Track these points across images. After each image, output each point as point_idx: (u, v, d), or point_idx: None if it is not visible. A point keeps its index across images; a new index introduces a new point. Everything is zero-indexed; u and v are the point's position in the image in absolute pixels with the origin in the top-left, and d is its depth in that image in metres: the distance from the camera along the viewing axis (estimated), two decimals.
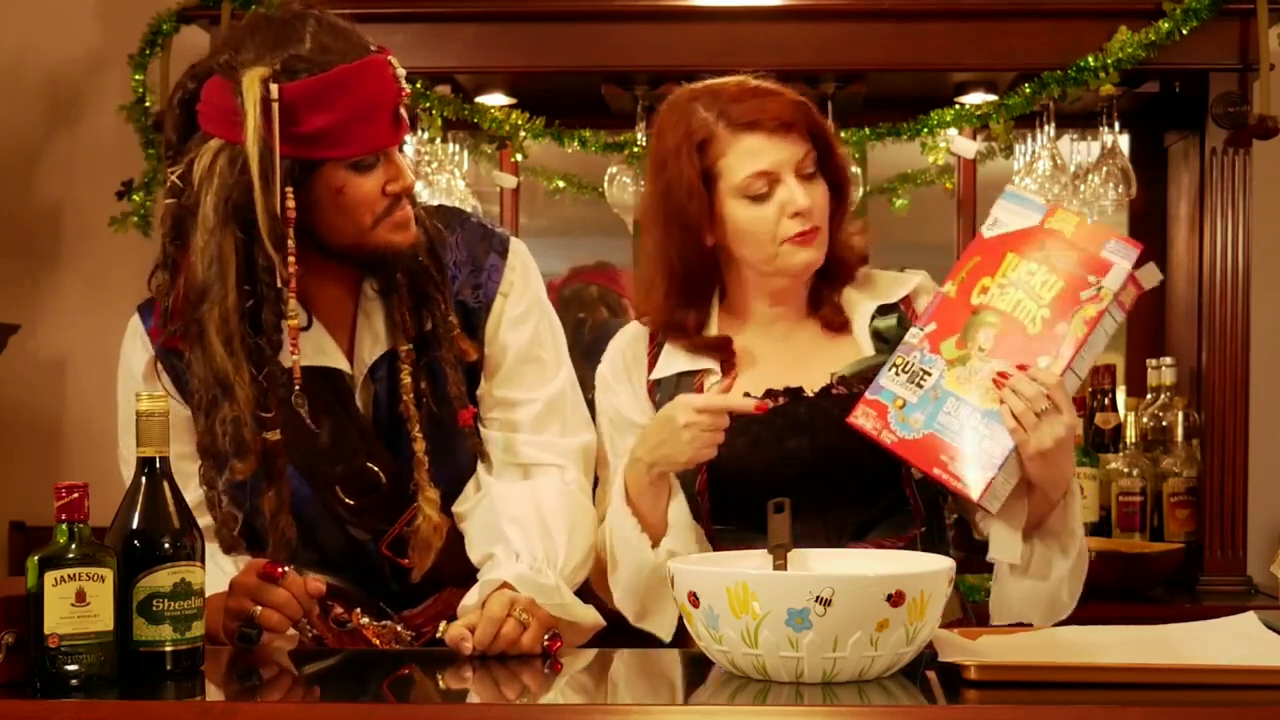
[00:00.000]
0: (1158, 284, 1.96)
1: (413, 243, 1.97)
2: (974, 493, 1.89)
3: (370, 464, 2.03)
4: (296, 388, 1.93)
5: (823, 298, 2.14)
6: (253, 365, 1.90)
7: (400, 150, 1.95)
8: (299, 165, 1.86)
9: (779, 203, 2.03)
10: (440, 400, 2.03)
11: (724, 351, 2.11)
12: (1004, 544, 1.97)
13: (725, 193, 2.05)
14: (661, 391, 2.11)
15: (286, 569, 1.84)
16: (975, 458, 1.89)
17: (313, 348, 2.00)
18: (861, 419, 1.97)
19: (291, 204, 1.86)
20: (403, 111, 1.92)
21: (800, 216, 2.03)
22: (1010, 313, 1.92)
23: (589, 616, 1.99)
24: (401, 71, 1.93)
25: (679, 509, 2.04)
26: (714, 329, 2.13)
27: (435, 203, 2.74)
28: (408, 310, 2.02)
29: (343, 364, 2.03)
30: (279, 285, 1.89)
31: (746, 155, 2.03)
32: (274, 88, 1.81)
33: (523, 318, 2.08)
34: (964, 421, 1.91)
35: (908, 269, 2.20)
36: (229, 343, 1.87)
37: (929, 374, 1.94)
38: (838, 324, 2.12)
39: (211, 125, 1.88)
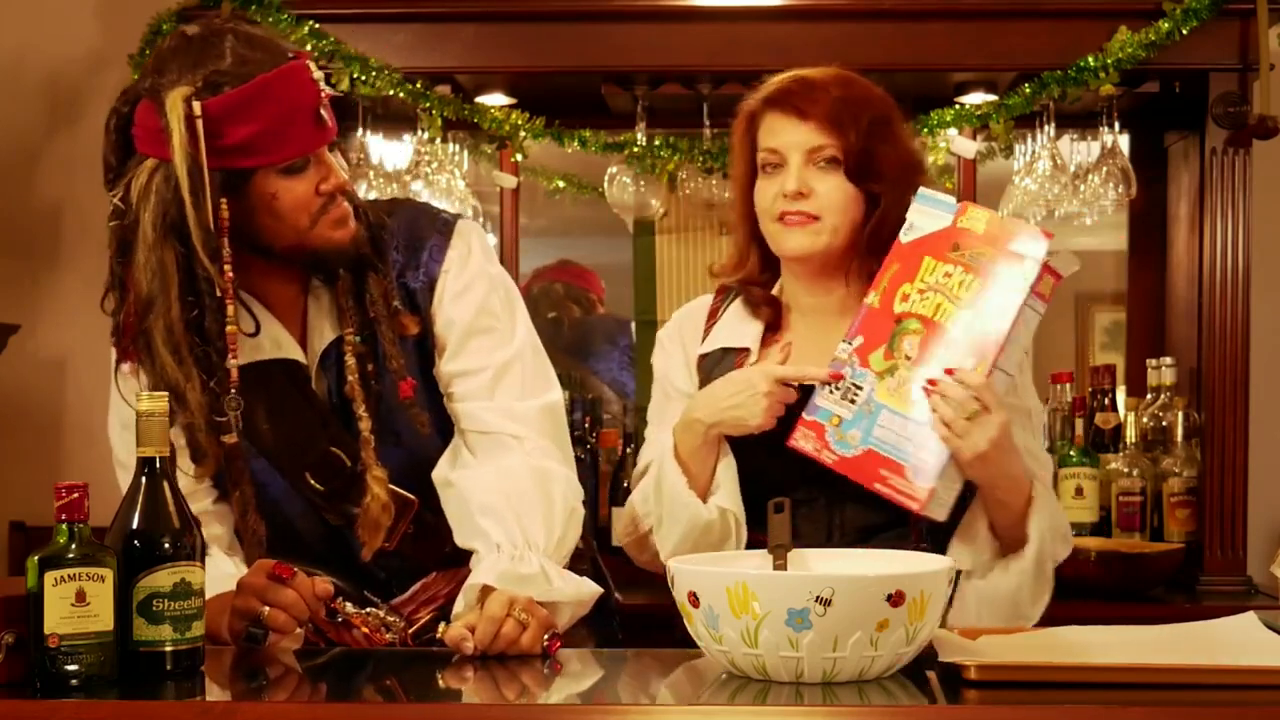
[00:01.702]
0: (1077, 269, 1.93)
1: (353, 237, 2.02)
2: (916, 505, 1.90)
3: (333, 448, 2.06)
4: (232, 390, 1.97)
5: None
6: (202, 372, 1.95)
7: (332, 149, 2.00)
8: (230, 176, 1.91)
9: (780, 181, 2.07)
10: (383, 379, 2.06)
11: (772, 309, 2.15)
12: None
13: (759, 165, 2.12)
14: (707, 366, 2.15)
15: (295, 570, 1.85)
16: (914, 469, 1.89)
17: (270, 342, 2.06)
18: (801, 441, 1.97)
19: (225, 214, 1.91)
20: (324, 112, 1.97)
21: (789, 198, 2.05)
22: (932, 317, 1.91)
23: (584, 591, 1.99)
24: (319, 74, 1.98)
25: (728, 469, 2.06)
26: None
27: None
28: (351, 297, 2.06)
29: (298, 354, 2.08)
30: (219, 294, 1.93)
31: (768, 131, 2.10)
32: (196, 105, 1.87)
33: (465, 291, 2.10)
34: (899, 433, 1.90)
35: None
36: (176, 352, 1.93)
37: (860, 388, 1.93)
38: None
39: (145, 146, 1.93)
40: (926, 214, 1.94)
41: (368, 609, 2.02)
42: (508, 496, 1.99)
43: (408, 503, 2.08)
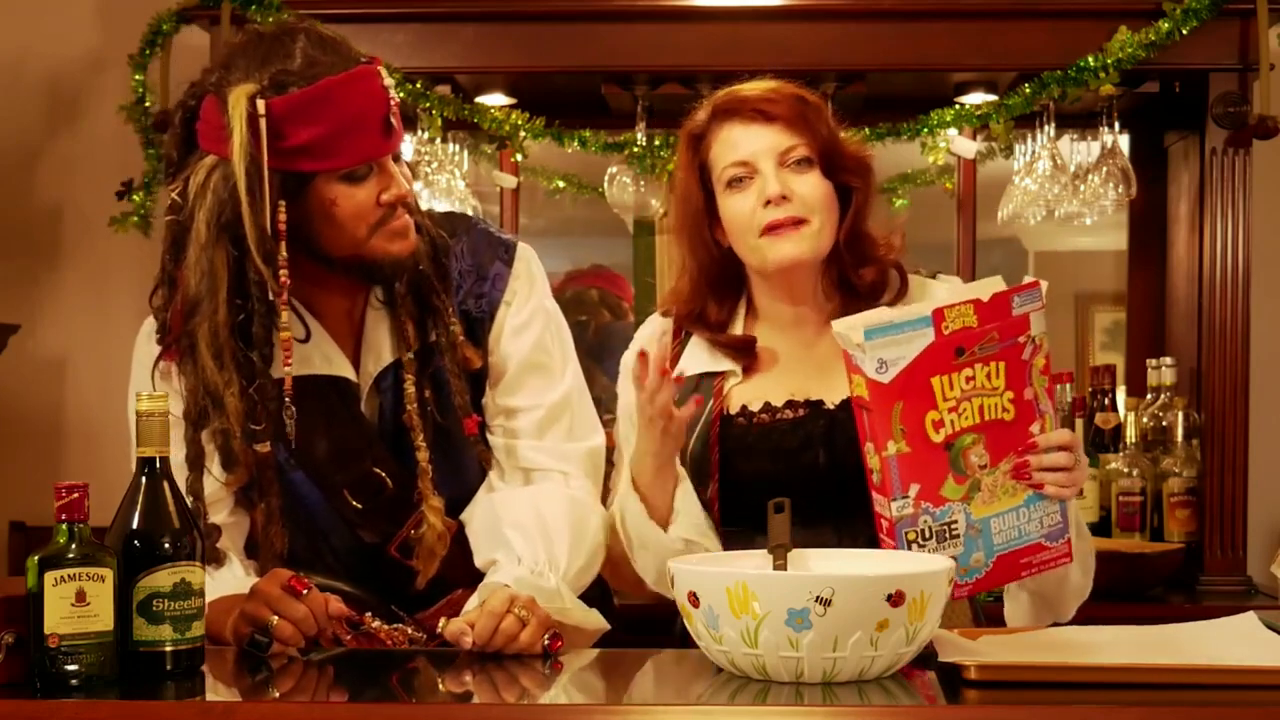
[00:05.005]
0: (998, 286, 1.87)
1: (412, 251, 1.97)
2: (1068, 560, 1.90)
3: (376, 469, 2.04)
4: (286, 399, 1.93)
5: (850, 313, 2.07)
6: (243, 378, 1.91)
7: (396, 159, 1.96)
8: (290, 179, 1.87)
9: (756, 192, 2.03)
10: (444, 410, 2.03)
11: (746, 353, 2.11)
12: None
13: (717, 185, 2.07)
14: (681, 391, 2.10)
15: (311, 586, 1.84)
16: (1049, 535, 1.88)
17: (320, 357, 2.02)
18: None
19: (283, 217, 1.87)
20: (394, 120, 1.93)
21: (773, 205, 2.01)
22: (983, 419, 1.84)
23: (592, 620, 1.99)
24: (391, 81, 1.94)
25: (687, 496, 2.04)
26: (738, 330, 2.13)
27: (440, 206, 2.74)
28: (411, 320, 2.03)
29: (349, 373, 2.04)
30: (270, 299, 1.89)
31: (726, 145, 2.05)
32: (260, 103, 1.83)
33: (525, 326, 2.08)
34: (1016, 525, 1.87)
35: (918, 271, 2.18)
36: (219, 356, 1.89)
37: (954, 522, 1.85)
38: None
39: (208, 142, 1.89)
40: (896, 342, 1.81)
41: (395, 624, 2.01)
42: (540, 517, 1.98)
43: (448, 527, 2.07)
